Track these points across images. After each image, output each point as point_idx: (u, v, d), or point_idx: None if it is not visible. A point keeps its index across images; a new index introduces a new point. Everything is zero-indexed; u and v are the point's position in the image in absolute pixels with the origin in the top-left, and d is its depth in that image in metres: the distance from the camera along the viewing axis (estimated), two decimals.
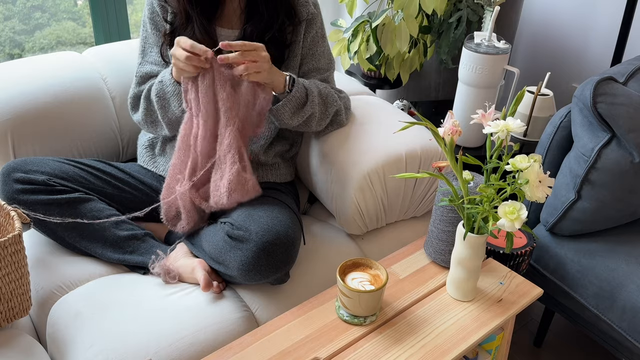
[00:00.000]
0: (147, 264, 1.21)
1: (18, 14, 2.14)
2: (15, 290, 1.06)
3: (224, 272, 1.17)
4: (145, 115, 1.31)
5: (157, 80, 1.26)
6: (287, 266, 1.16)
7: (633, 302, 1.23)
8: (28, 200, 1.18)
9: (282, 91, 1.23)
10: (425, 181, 1.36)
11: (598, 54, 2.13)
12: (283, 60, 1.32)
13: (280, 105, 1.23)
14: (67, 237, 1.23)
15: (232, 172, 1.17)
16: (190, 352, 1.05)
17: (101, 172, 1.30)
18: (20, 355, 1.02)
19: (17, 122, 1.34)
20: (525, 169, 0.90)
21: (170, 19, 1.30)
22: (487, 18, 1.70)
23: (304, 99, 1.26)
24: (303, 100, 1.26)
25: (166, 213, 1.26)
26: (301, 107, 1.26)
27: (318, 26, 1.37)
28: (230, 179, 1.17)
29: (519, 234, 1.29)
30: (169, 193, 1.23)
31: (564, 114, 1.37)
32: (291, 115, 1.26)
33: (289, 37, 1.32)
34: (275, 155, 1.40)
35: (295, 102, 1.24)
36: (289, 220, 1.19)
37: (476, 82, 1.60)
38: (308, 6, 1.34)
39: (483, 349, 1.18)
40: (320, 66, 1.39)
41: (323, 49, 1.39)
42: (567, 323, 1.76)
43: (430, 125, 0.95)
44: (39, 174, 1.21)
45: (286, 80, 1.23)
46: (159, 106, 1.27)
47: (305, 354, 0.95)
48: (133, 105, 1.35)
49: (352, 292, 0.98)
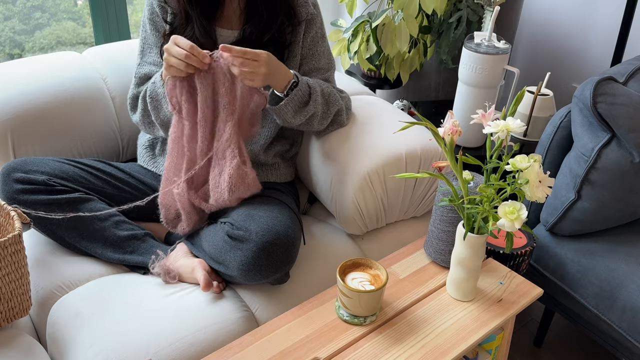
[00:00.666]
0: (147, 264, 1.21)
1: (18, 14, 2.14)
2: (16, 290, 1.06)
3: (224, 272, 1.17)
4: (142, 116, 1.32)
5: (151, 82, 1.26)
6: (287, 266, 1.16)
7: (633, 302, 1.23)
8: (28, 200, 1.18)
9: (282, 90, 1.23)
10: (425, 181, 1.36)
11: (598, 54, 2.13)
12: (282, 60, 1.32)
13: (283, 104, 1.23)
14: (67, 237, 1.23)
15: (232, 166, 1.17)
16: (190, 352, 1.05)
17: (101, 172, 1.30)
18: (20, 355, 1.02)
19: (17, 122, 1.34)
20: (525, 169, 0.90)
21: (170, 20, 1.30)
22: (487, 18, 1.70)
23: (306, 98, 1.25)
24: (306, 99, 1.25)
25: (165, 215, 1.26)
26: (304, 106, 1.26)
27: (318, 26, 1.37)
28: (231, 173, 1.17)
29: (519, 234, 1.29)
30: (166, 195, 1.23)
31: (564, 114, 1.37)
32: (294, 114, 1.26)
33: (288, 37, 1.32)
34: (275, 155, 1.40)
35: (298, 101, 1.24)
36: (289, 220, 1.19)
37: (476, 82, 1.60)
38: (307, 6, 1.34)
39: (483, 349, 1.18)
40: (321, 66, 1.39)
41: (323, 49, 1.39)
42: (567, 323, 1.76)
43: (430, 125, 0.95)
44: (39, 174, 1.21)
45: (289, 82, 1.22)
46: (152, 107, 1.27)
47: (305, 354, 0.95)
48: (132, 106, 1.35)
49: (352, 292, 0.98)
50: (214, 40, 1.28)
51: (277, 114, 1.26)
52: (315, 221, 1.45)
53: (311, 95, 1.26)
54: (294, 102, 1.24)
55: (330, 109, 1.33)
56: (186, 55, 1.11)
